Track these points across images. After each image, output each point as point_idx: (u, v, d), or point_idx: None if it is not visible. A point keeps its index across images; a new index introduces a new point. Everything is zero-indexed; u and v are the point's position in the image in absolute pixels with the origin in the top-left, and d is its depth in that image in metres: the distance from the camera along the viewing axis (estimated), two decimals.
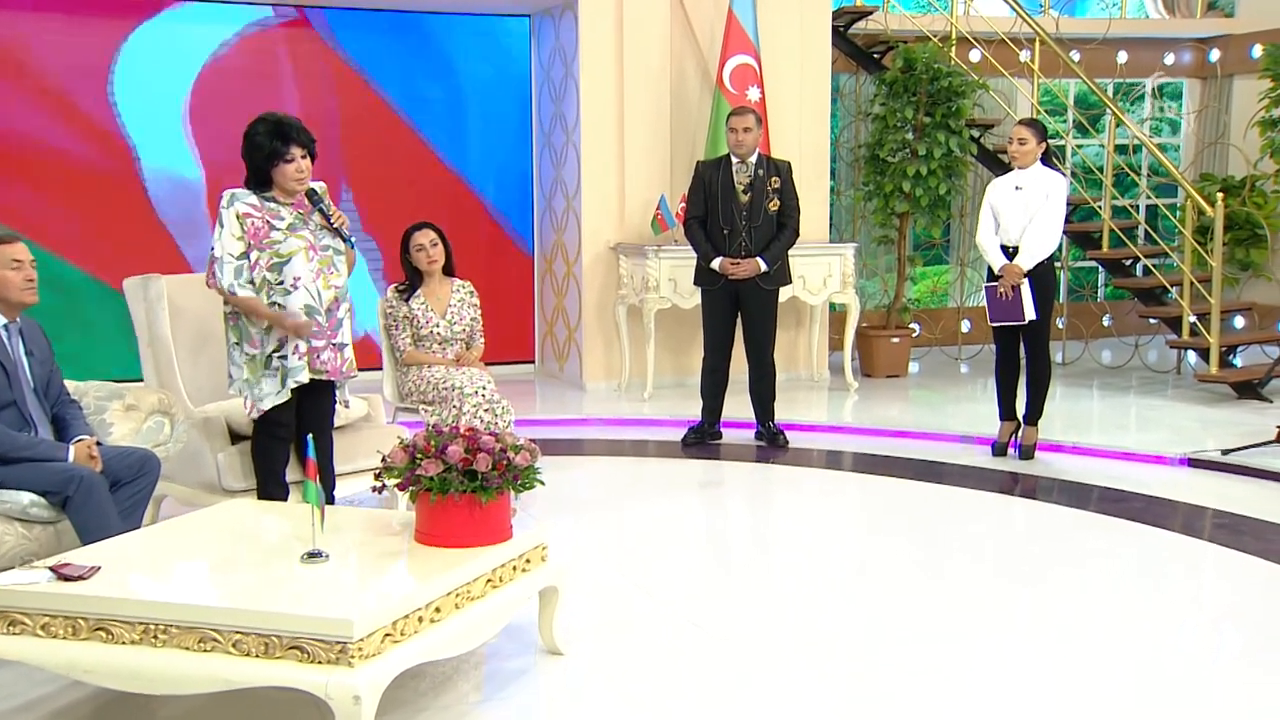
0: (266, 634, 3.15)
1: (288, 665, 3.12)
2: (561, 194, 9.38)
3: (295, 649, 3.12)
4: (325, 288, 4.75)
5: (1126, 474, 6.70)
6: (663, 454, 7.30)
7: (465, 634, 3.52)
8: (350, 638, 3.08)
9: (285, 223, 4.71)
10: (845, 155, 11.18)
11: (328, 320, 4.76)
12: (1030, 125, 6.81)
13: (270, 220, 4.68)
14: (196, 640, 3.20)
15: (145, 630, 3.24)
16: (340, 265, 4.83)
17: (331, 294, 4.78)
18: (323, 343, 4.76)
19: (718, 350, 7.34)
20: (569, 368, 9.50)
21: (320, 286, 4.73)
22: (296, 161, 4.67)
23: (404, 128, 9.56)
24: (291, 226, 4.70)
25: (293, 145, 4.66)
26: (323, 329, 4.75)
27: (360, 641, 3.11)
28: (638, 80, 8.93)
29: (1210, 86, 12.23)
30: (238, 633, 3.17)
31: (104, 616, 3.27)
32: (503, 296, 9.79)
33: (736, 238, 7.14)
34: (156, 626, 3.23)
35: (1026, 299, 6.71)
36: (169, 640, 3.22)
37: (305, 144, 4.70)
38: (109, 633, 3.26)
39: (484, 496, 3.68)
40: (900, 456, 7.14)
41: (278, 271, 4.67)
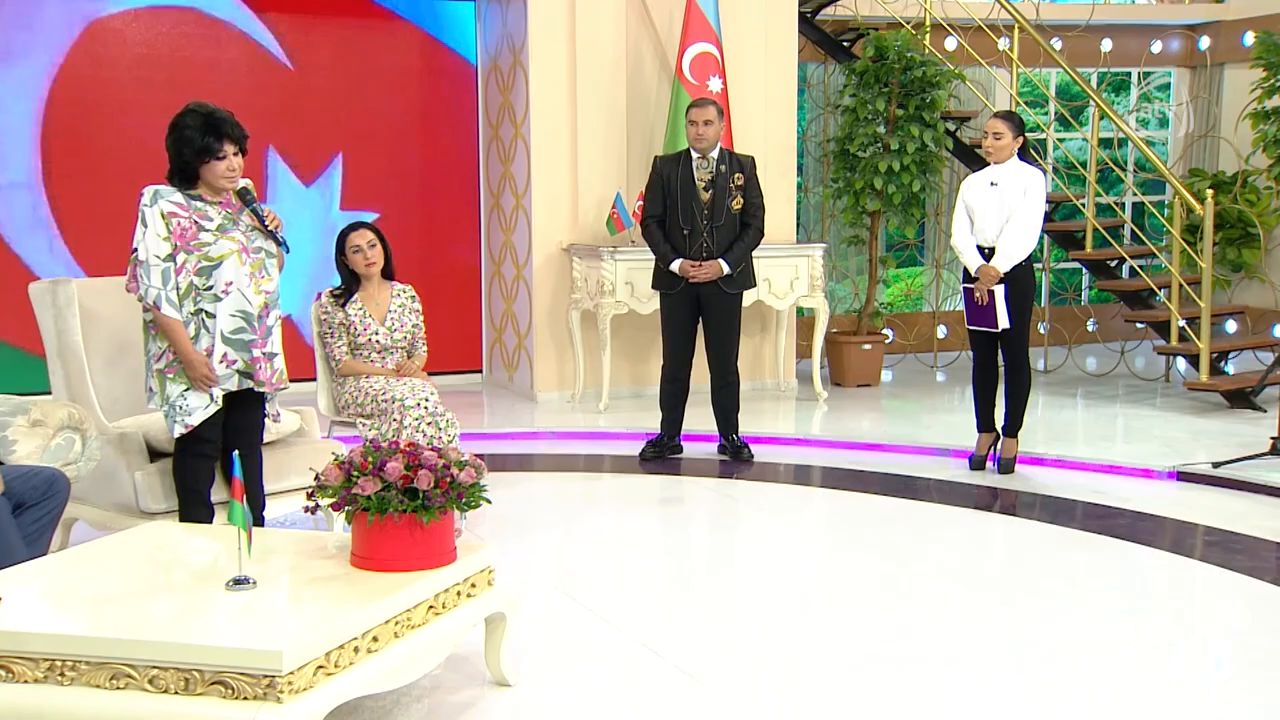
0: (187, 668, 3.11)
1: (210, 702, 3.08)
2: (510, 191, 9.37)
3: (219, 684, 3.09)
4: (256, 292, 4.72)
5: (1112, 488, 6.76)
6: (619, 469, 7.29)
7: (405, 665, 3.50)
8: (279, 671, 3.06)
9: (214, 224, 4.67)
10: (813, 150, 11.23)
11: (258, 327, 4.74)
12: (1005, 119, 6.85)
13: (198, 221, 4.65)
14: (108, 677, 3.16)
15: (51, 667, 3.20)
16: (272, 269, 4.80)
17: (262, 300, 4.75)
18: (256, 351, 4.73)
19: (678, 358, 7.35)
20: (519, 378, 9.48)
21: (252, 291, 4.70)
22: (229, 159, 4.65)
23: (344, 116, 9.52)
24: (221, 228, 4.67)
25: (226, 141, 4.63)
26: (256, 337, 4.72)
27: (290, 675, 3.08)
28: (591, 70, 8.94)
29: (1200, 76, 12.38)
30: (154, 668, 3.13)
31: (4, 653, 3.23)
32: (447, 301, 9.76)
33: (697, 238, 7.15)
34: (63, 663, 3.19)
35: (1001, 305, 6.75)
36: (77, 678, 3.18)
37: (238, 140, 4.68)
38: (9, 670, 3.22)
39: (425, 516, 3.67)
40: (872, 471, 7.16)
41: (207, 276, 4.64)
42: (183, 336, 4.62)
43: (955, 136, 10.15)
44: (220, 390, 4.68)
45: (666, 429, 7.48)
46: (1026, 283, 6.87)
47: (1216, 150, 12.08)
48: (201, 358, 4.64)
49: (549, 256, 9.05)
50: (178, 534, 4.30)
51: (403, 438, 5.56)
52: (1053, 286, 11.58)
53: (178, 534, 4.30)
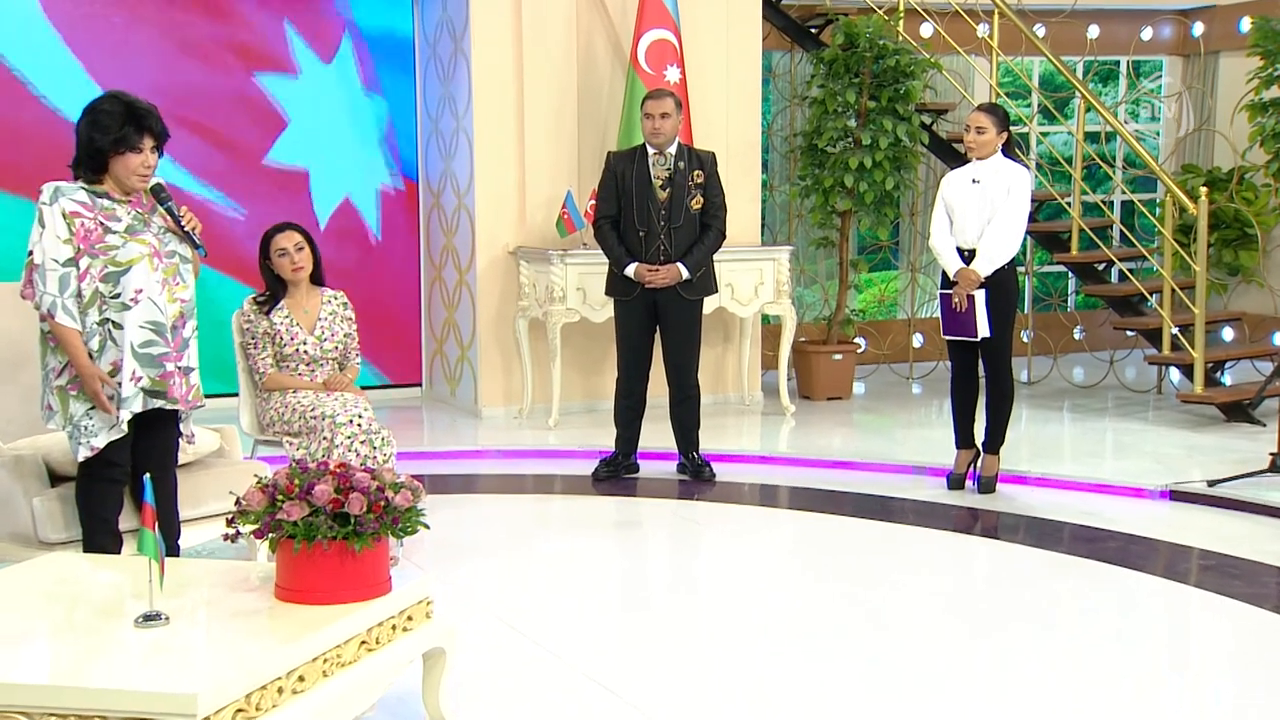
0: (90, 715, 3.07)
1: None
2: (451, 190, 9.34)
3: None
4: (170, 301, 4.67)
5: (1101, 509, 6.79)
6: (570, 490, 7.28)
7: (335, 706, 3.47)
8: (194, 715, 3.02)
9: (123, 225, 4.61)
10: (779, 145, 11.26)
11: (173, 339, 4.68)
12: (989, 112, 6.89)
13: (104, 221, 4.59)
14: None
15: None
16: (187, 275, 4.75)
17: (177, 309, 4.69)
18: (171, 365, 4.67)
19: (634, 370, 7.34)
20: (461, 391, 9.45)
21: (165, 300, 4.65)
22: (145, 154, 4.60)
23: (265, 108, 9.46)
24: (131, 229, 4.61)
25: (146, 134, 4.59)
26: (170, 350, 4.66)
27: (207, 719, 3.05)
28: (539, 58, 8.93)
29: (1193, 65, 12.49)
30: (53, 715, 3.09)
31: None
32: (383, 309, 9.72)
33: (654, 240, 7.15)
34: None
35: (981, 312, 6.78)
36: None
37: (158, 135, 4.64)
38: None
39: (357, 544, 3.64)
40: (843, 491, 7.17)
41: (114, 283, 4.57)
42: (79, 349, 4.55)
43: (931, 130, 10.19)
44: (127, 413, 4.61)
45: (621, 447, 7.47)
46: (1009, 288, 6.90)
47: (1211, 145, 12.18)
48: (97, 371, 4.56)
49: (494, 260, 9.02)
50: (81, 566, 4.25)
51: (333, 458, 5.52)
52: (1036, 292, 11.65)
53: (81, 566, 4.25)
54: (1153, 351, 9.42)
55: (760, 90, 9.66)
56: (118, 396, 4.60)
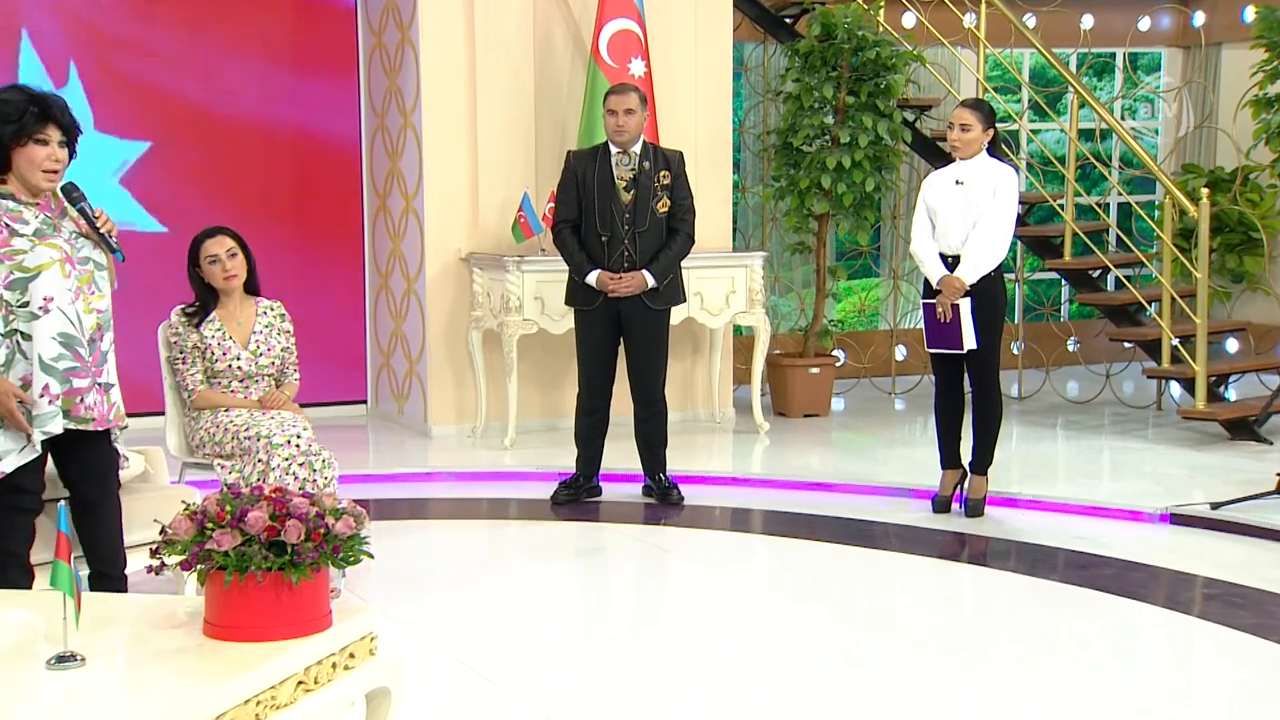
0: None
1: None
2: (399, 191, 9.32)
3: None
4: (86, 311, 4.62)
5: (1097, 533, 6.81)
6: (528, 515, 7.27)
7: None
8: None
9: (30, 228, 4.56)
10: (751, 144, 11.28)
11: (90, 353, 4.64)
12: (974, 108, 6.92)
13: (10, 224, 4.54)
14: None
15: None
16: (103, 284, 4.70)
17: (94, 320, 4.65)
18: (86, 381, 4.63)
19: (596, 386, 7.34)
20: (410, 409, 9.42)
21: (80, 310, 4.60)
22: (52, 147, 4.55)
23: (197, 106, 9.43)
24: (39, 233, 4.56)
25: (51, 125, 4.54)
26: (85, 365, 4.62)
27: None
28: (493, 48, 8.92)
29: (1194, 57, 12.58)
30: None
31: None
32: (324, 320, 9.69)
33: (618, 246, 7.15)
34: None
35: (967, 322, 6.80)
36: None
37: (66, 128, 4.59)
38: None
39: (294, 575, 3.61)
40: (821, 515, 7.16)
41: (21, 290, 4.52)
42: None
43: (914, 128, 10.22)
44: (40, 434, 4.56)
45: (583, 468, 7.46)
46: (996, 297, 6.92)
47: (1214, 143, 12.27)
48: (9, 386, 4.50)
49: (445, 268, 9.00)
50: None
51: (269, 482, 5.50)
52: (1027, 300, 11.70)
53: None
54: (1152, 364, 9.45)
55: (731, 85, 9.67)
56: (28, 414, 4.54)
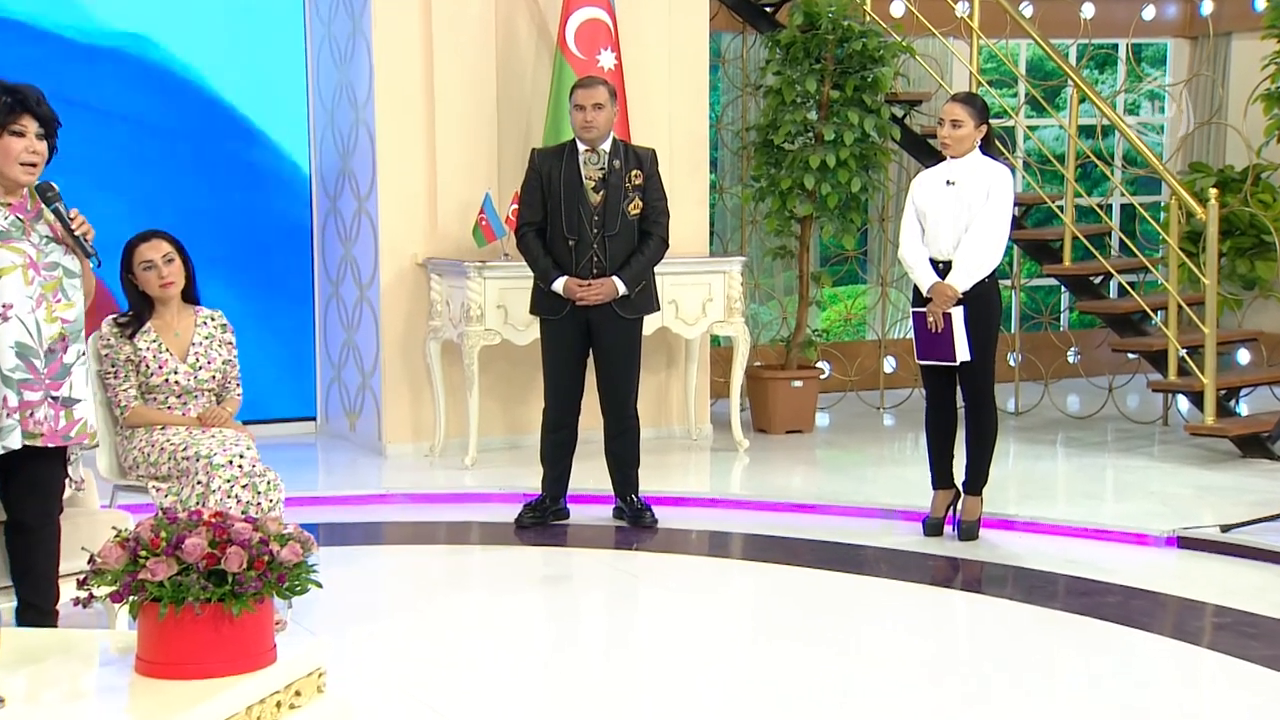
0: None
1: None
2: (351, 192, 9.30)
3: None
4: (49, 320, 4.62)
5: (1099, 558, 6.82)
6: (490, 540, 7.27)
7: None
8: None
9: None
10: (729, 141, 11.28)
11: (48, 365, 4.62)
12: (965, 103, 6.92)
13: None
14: None
15: None
16: (73, 292, 4.70)
17: (56, 329, 4.64)
18: (38, 395, 4.60)
19: (563, 400, 7.33)
20: (363, 426, 9.40)
21: (42, 318, 4.59)
22: (28, 138, 4.55)
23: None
24: (4, 235, 4.56)
25: (27, 115, 4.54)
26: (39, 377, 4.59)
27: None
28: (452, 39, 8.90)
29: (1201, 49, 12.62)
30: None
31: None
32: (270, 330, 9.66)
33: (586, 251, 7.15)
34: None
35: (960, 332, 6.81)
36: None
37: (45, 121, 4.59)
38: None
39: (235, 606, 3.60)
40: (805, 538, 7.17)
41: None
42: None
43: (903, 124, 10.24)
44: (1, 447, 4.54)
45: (549, 489, 7.45)
46: (991, 305, 6.93)
47: (1223, 140, 12.30)
48: None
49: (400, 274, 8.98)
50: None
51: (209, 505, 5.47)
52: (1024, 309, 11.73)
53: None
54: (1157, 377, 9.48)
55: (707, 78, 9.68)
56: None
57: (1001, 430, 7.38)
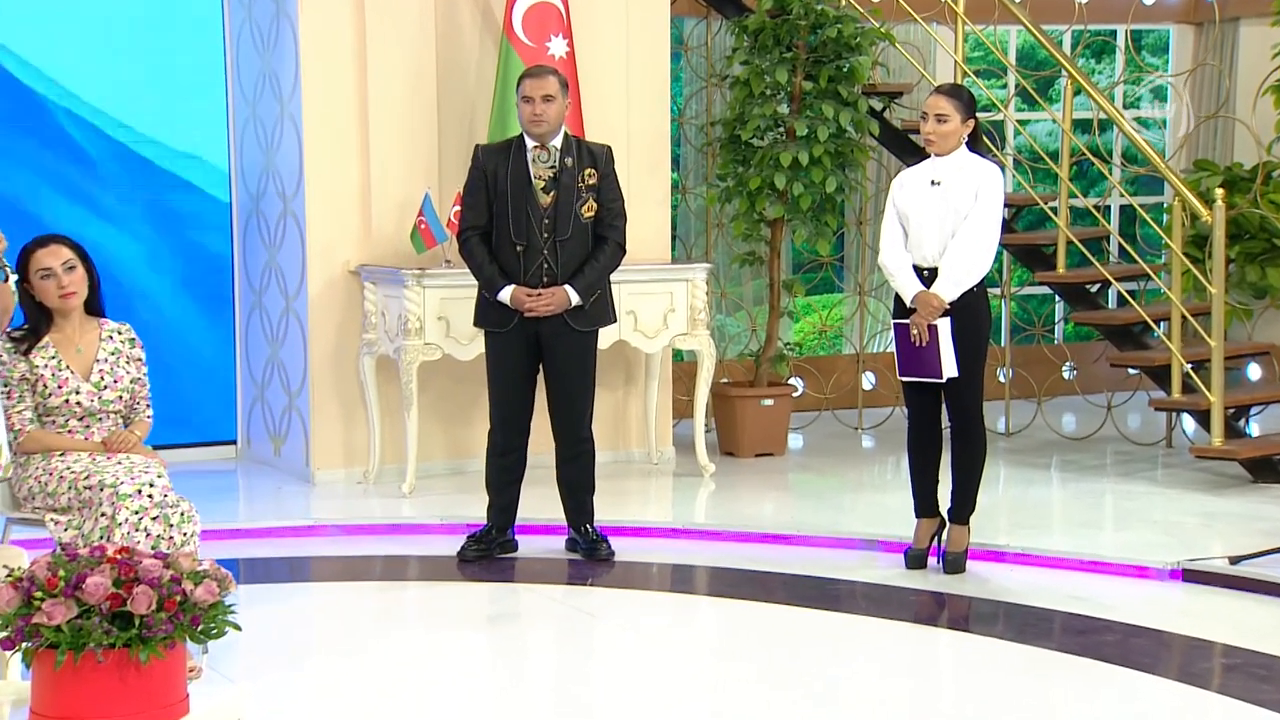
0: None
1: None
2: (275, 192, 9.27)
3: None
4: None
5: (1098, 592, 6.83)
6: (430, 575, 7.26)
7: None
8: None
9: None
10: (693, 137, 11.28)
11: None
12: (951, 95, 6.94)
13: None
14: None
15: None
16: None
17: None
18: None
19: (511, 421, 7.32)
20: (289, 450, 9.36)
21: None
22: None
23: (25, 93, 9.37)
24: None
25: None
26: None
27: None
28: (387, 24, 8.89)
29: (1207, 36, 12.69)
30: None
31: None
32: (184, 345, 9.64)
33: (535, 257, 7.14)
34: None
35: (946, 346, 6.81)
36: None
37: None
38: None
39: (143, 652, 3.58)
40: (776, 572, 7.17)
41: None
42: None
43: (882, 118, 10.25)
44: None
45: (495, 518, 7.43)
46: (979, 316, 6.94)
47: (1230, 136, 12.36)
48: None
49: (330, 282, 8.96)
50: None
51: (114, 540, 5.41)
52: (1015, 320, 11.75)
53: None
54: (1160, 395, 9.50)
55: (669, 68, 9.69)
56: None
57: (991, 453, 7.39)
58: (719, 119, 10.40)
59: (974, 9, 10.30)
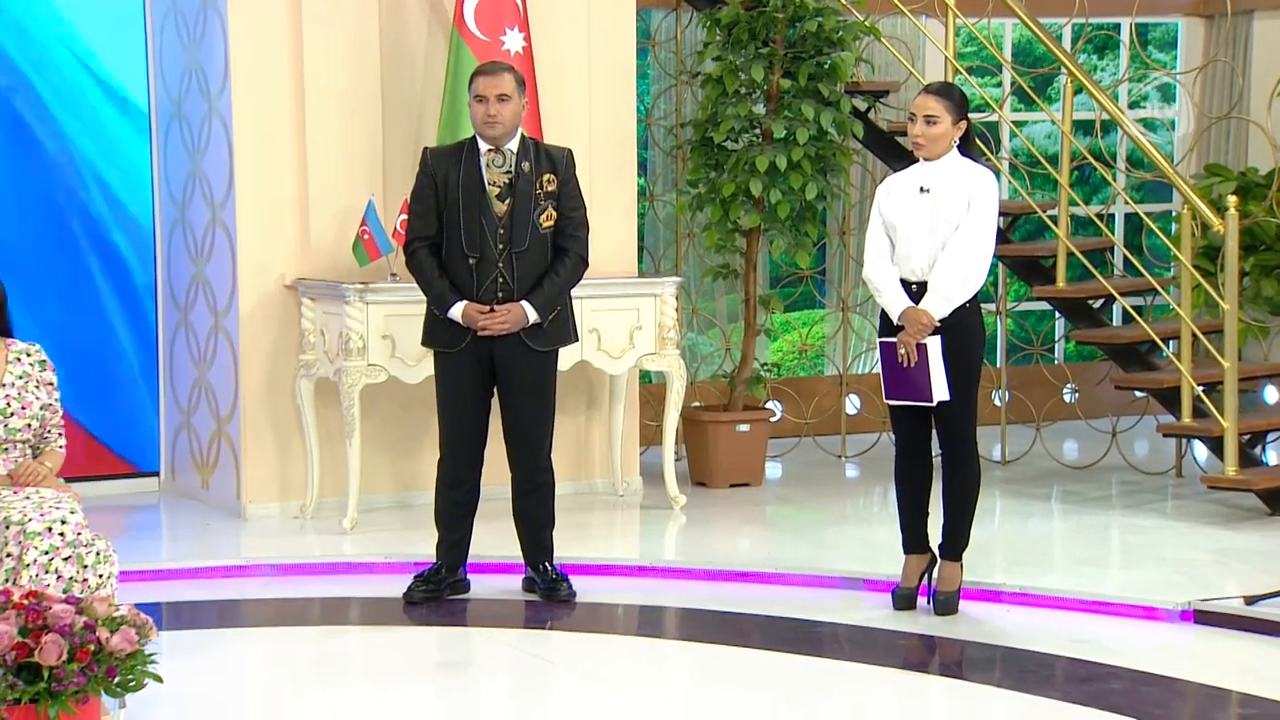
0: None
1: None
2: (203, 199, 9.24)
3: None
4: None
5: (1103, 636, 6.83)
6: (374, 619, 7.25)
7: None
8: None
9: None
10: (662, 139, 11.29)
11: None
12: (941, 95, 6.94)
13: None
14: None
15: None
16: None
17: None
18: None
19: (463, 449, 7.33)
20: (218, 483, 9.34)
21: None
22: None
23: None
24: None
25: None
26: None
27: None
28: (326, 15, 8.88)
29: (1218, 29, 12.72)
30: None
31: None
32: (100, 367, 9.62)
33: (489, 270, 7.14)
34: None
35: (936, 367, 6.81)
36: None
37: None
38: None
39: (53, 707, 3.56)
40: (752, 614, 7.16)
41: None
42: None
43: (867, 119, 10.27)
44: None
45: (446, 556, 7.43)
46: (972, 334, 6.95)
47: (1244, 138, 12.40)
48: None
49: (264, 298, 8.94)
50: None
51: (22, 583, 5.37)
52: (1012, 338, 11.78)
53: None
54: (1169, 419, 9.53)
55: (635, 64, 9.70)
56: None
57: (985, 483, 7.40)
58: (689, 120, 10.42)
59: (966, 0, 10.34)
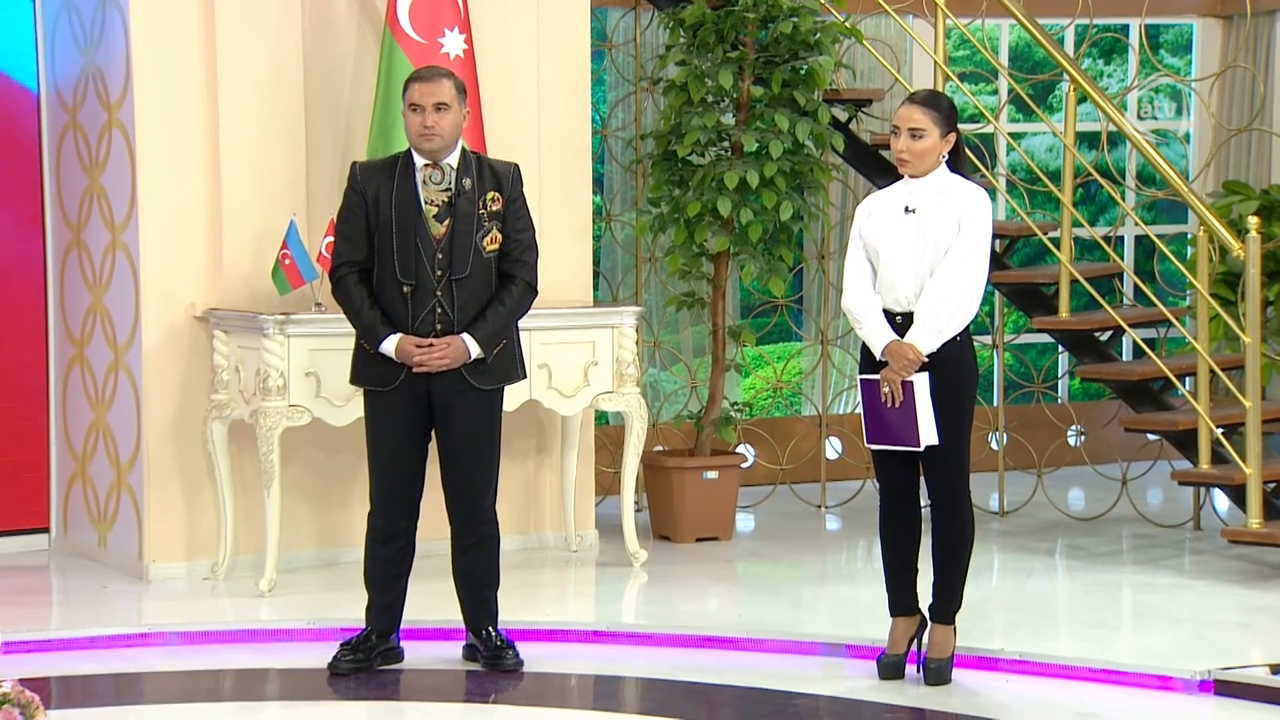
0: None
1: None
2: (100, 219, 9.23)
3: None
4: None
5: (1112, 708, 6.85)
6: (295, 693, 7.22)
7: None
8: None
9: None
10: (619, 153, 11.31)
11: None
12: (928, 105, 6.96)
13: None
14: None
15: None
16: None
17: None
18: None
19: (396, 501, 7.32)
20: (117, 539, 9.31)
21: None
22: None
23: None
24: None
25: None
26: None
27: None
28: (241, 14, 8.88)
29: (1237, 32, 12.80)
30: None
31: None
32: None
33: (426, 299, 7.15)
34: None
35: (924, 408, 6.83)
36: None
37: None
38: None
39: None
40: (722, 684, 7.16)
41: None
42: None
43: (848, 131, 10.31)
44: None
45: (376, 621, 7.42)
46: (965, 370, 6.98)
47: (1267, 151, 12.46)
48: None
49: (171, 331, 8.93)
50: None
51: None
52: (1010, 374, 11.82)
53: None
54: (1185, 465, 9.56)
55: (589, 69, 9.74)
56: None
57: (981, 536, 7.42)
58: (650, 131, 10.43)
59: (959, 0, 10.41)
